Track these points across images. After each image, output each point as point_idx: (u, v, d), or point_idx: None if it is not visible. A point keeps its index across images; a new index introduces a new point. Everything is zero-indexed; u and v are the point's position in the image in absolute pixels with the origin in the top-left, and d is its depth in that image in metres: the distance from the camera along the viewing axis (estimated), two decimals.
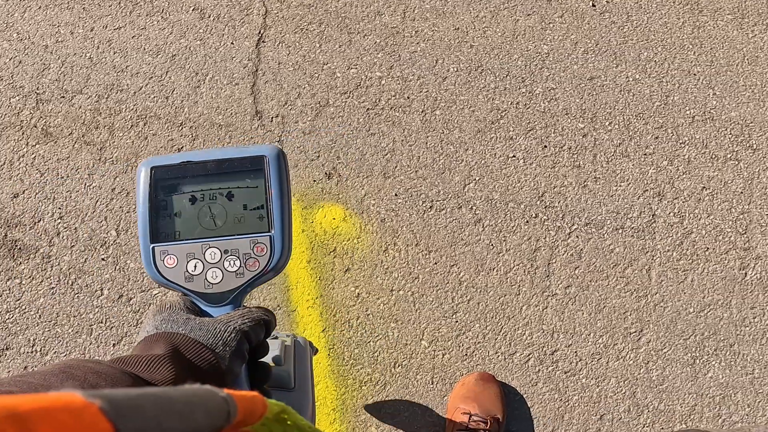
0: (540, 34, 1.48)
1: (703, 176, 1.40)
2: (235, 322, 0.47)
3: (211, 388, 0.24)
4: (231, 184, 0.50)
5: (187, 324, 0.46)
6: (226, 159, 0.50)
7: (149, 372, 0.42)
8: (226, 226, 0.50)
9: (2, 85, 1.48)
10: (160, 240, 0.50)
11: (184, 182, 0.50)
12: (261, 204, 0.50)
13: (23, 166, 1.43)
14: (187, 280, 0.49)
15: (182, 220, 0.50)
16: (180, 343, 0.45)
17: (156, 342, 0.45)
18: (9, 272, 1.37)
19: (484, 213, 1.38)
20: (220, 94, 1.46)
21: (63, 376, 0.38)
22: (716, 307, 1.35)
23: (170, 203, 0.50)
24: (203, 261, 0.49)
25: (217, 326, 0.46)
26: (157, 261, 0.49)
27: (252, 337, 0.48)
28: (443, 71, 1.47)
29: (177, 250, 0.49)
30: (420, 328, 1.34)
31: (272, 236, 0.49)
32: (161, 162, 0.50)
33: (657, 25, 1.48)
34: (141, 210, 0.50)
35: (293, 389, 0.66)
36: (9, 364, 1.32)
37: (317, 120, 1.44)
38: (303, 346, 0.72)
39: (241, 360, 0.47)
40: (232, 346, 0.46)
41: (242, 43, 1.50)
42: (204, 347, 0.45)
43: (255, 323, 0.48)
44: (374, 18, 1.51)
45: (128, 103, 1.46)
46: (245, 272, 0.49)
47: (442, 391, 1.31)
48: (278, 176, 0.50)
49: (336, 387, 1.32)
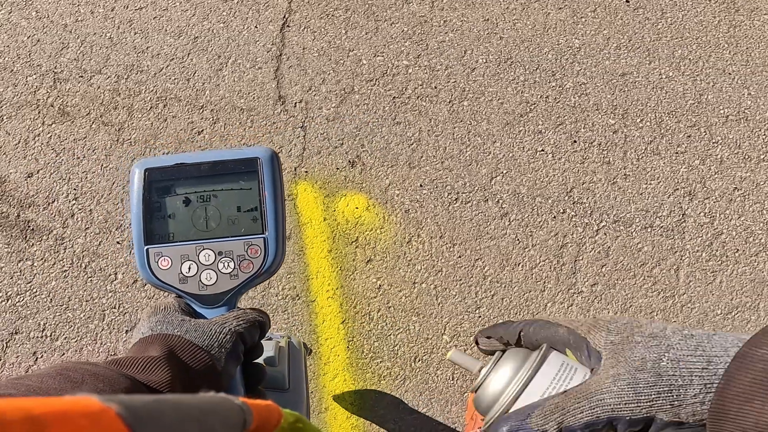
0: (572, 28, 1.46)
1: (736, 177, 1.37)
2: (230, 324, 0.47)
3: (226, 396, 0.23)
4: (225, 185, 0.50)
5: (182, 325, 0.46)
6: (219, 161, 0.50)
7: (145, 374, 0.41)
8: (220, 228, 0.50)
9: (19, 63, 1.45)
10: (155, 242, 0.49)
11: (177, 184, 0.50)
12: (255, 206, 0.50)
13: (38, 146, 1.39)
14: (181, 281, 0.49)
15: (176, 221, 0.50)
16: (175, 345, 0.45)
17: (151, 344, 0.45)
18: (21, 253, 1.33)
19: (510, 207, 1.35)
20: (243, 78, 1.43)
21: (60, 379, 0.38)
22: (744, 309, 1.32)
23: (164, 205, 0.50)
24: (197, 263, 0.49)
25: (212, 328, 0.46)
26: (152, 263, 0.49)
27: (247, 339, 0.48)
28: (472, 62, 1.43)
29: (171, 251, 0.49)
30: (442, 322, 1.30)
31: (266, 238, 0.49)
32: (155, 164, 0.50)
33: (692, 22, 1.45)
34: (135, 212, 0.50)
35: (288, 390, 0.66)
36: (18, 349, 1.28)
37: (342, 107, 1.41)
38: (297, 348, 0.72)
39: (236, 361, 0.47)
40: (227, 347, 0.46)
41: (266, 27, 1.47)
42: (199, 349, 0.45)
43: (250, 325, 0.48)
44: (402, 6, 1.48)
45: (148, 85, 1.43)
46: (239, 274, 0.49)
47: (462, 387, 1.28)
48: (272, 178, 0.50)
49: (354, 380, 1.28)
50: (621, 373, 0.33)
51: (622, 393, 0.32)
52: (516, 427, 0.34)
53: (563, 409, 0.33)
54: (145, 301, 1.30)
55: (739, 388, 0.29)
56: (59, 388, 0.37)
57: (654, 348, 0.33)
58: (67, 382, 0.37)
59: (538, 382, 0.36)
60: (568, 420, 0.33)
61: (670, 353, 0.32)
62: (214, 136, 1.39)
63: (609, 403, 0.32)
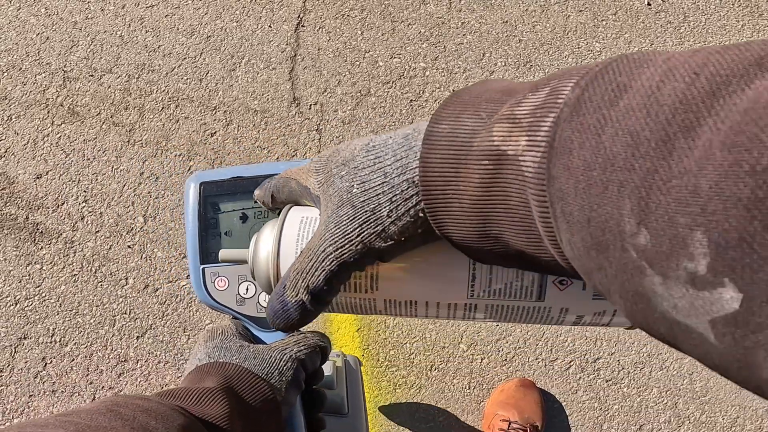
0: (592, 31, 1.43)
1: None
2: (290, 350, 0.45)
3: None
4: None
5: (241, 352, 0.44)
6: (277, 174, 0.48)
7: (201, 407, 0.40)
8: None
9: (28, 61, 1.41)
10: (211, 261, 0.47)
11: (234, 198, 0.47)
12: None
13: (47, 146, 1.36)
14: (239, 303, 0.47)
15: (233, 239, 0.47)
16: (233, 375, 0.43)
17: (208, 373, 0.43)
18: (30, 257, 1.30)
19: None
20: (257, 79, 1.40)
21: (111, 416, 0.36)
22: None
23: (221, 221, 0.47)
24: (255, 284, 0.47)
25: (272, 354, 0.44)
26: (208, 283, 0.47)
27: (308, 365, 0.46)
28: (490, 65, 1.41)
29: (228, 271, 0.47)
30: (459, 330, 1.28)
31: None
32: (211, 177, 0.47)
33: (715, 26, 1.43)
34: (190, 229, 0.47)
35: (347, 414, 0.63)
36: (27, 355, 1.25)
37: (357, 109, 1.38)
38: (354, 367, 0.69)
39: (298, 389, 0.45)
40: (288, 375, 0.44)
41: (280, 27, 1.44)
42: (259, 379, 0.43)
43: (311, 350, 0.46)
44: (419, 7, 1.45)
45: (160, 84, 1.40)
46: None
47: (479, 396, 1.26)
48: None
49: (369, 389, 1.26)
50: (329, 215, 0.30)
51: (335, 237, 0.30)
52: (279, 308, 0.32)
53: (303, 272, 0.31)
54: (157, 308, 1.28)
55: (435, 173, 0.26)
56: (109, 427, 0.35)
57: (345, 177, 0.30)
58: (117, 419, 0.36)
59: (285, 249, 0.35)
60: (311, 282, 0.31)
61: (358, 175, 0.30)
62: (227, 138, 1.36)
63: (330, 252, 0.30)
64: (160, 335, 1.27)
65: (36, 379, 1.23)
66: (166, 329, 1.26)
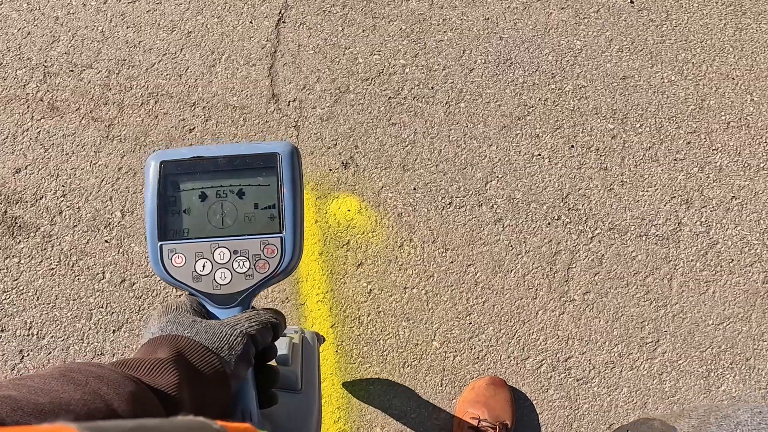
0: (573, 29, 1.42)
1: (734, 185, 1.35)
2: (241, 326, 0.46)
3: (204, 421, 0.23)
4: (242, 181, 0.48)
5: (193, 327, 0.45)
6: (237, 155, 0.48)
7: (152, 376, 0.41)
8: (236, 226, 0.48)
9: (9, 56, 1.42)
10: (169, 238, 0.48)
11: (194, 178, 0.48)
12: (272, 203, 0.48)
13: (27, 141, 1.37)
14: (195, 280, 0.48)
15: (191, 217, 0.48)
16: (184, 347, 0.44)
17: (160, 345, 0.44)
18: (7, 251, 1.31)
19: (504, 212, 1.33)
20: (236, 75, 1.40)
21: (63, 380, 0.37)
22: (736, 320, 1.31)
23: (179, 199, 0.48)
24: (212, 261, 0.47)
25: (223, 329, 0.45)
26: (165, 259, 0.48)
27: (259, 341, 0.47)
28: (470, 62, 1.41)
29: (185, 248, 0.48)
30: (432, 328, 1.29)
31: (283, 237, 0.48)
32: (171, 156, 0.48)
33: (697, 25, 1.42)
34: (149, 206, 0.48)
35: (300, 391, 0.64)
36: (4, 347, 1.27)
37: (336, 106, 1.38)
38: (311, 344, 0.69)
39: (247, 364, 0.46)
40: (237, 350, 0.45)
41: (261, 23, 1.44)
42: (209, 351, 0.44)
43: (262, 326, 0.47)
44: (400, 3, 1.44)
45: (140, 80, 1.40)
46: (254, 274, 0.48)
47: (451, 393, 1.27)
48: (291, 175, 0.48)
49: (342, 385, 1.27)
50: None
51: None
52: None
53: None
54: (133, 302, 1.29)
55: None
56: (62, 390, 0.36)
57: (724, 427, 0.38)
58: (69, 383, 0.37)
59: None
60: None
61: (738, 429, 0.37)
62: (205, 134, 1.37)
63: None
64: (137, 329, 1.28)
65: (13, 372, 1.25)
66: (143, 323, 1.28)
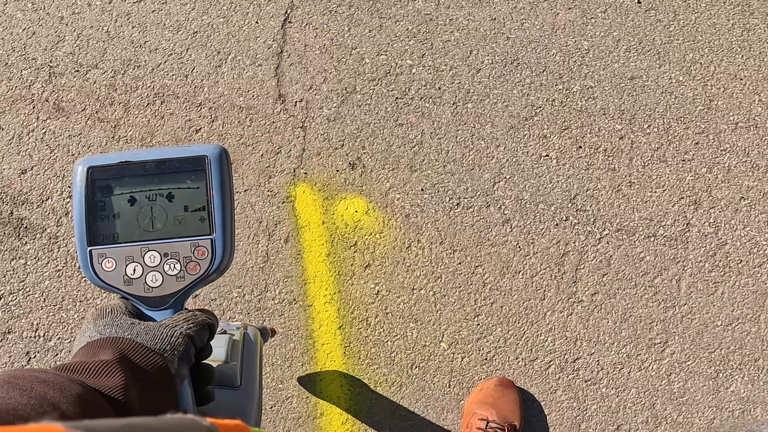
0: (581, 29, 1.42)
1: (743, 186, 1.35)
2: (180, 327, 0.47)
3: (195, 418, 0.23)
4: (171, 185, 0.49)
5: (132, 329, 0.45)
6: (166, 159, 0.49)
7: (98, 379, 0.41)
8: (166, 228, 0.49)
9: (14, 56, 1.42)
10: (98, 243, 0.48)
11: (122, 182, 0.49)
12: (202, 205, 0.49)
13: (32, 141, 1.37)
14: (126, 283, 0.48)
15: (121, 221, 0.49)
16: (127, 348, 0.44)
17: (101, 347, 0.43)
18: (14, 252, 1.31)
19: (512, 213, 1.33)
20: (243, 75, 1.40)
21: (8, 387, 0.37)
22: (745, 321, 1.30)
23: (108, 204, 0.49)
24: (143, 264, 0.48)
25: (163, 331, 0.46)
26: (95, 264, 0.48)
27: (197, 341, 0.48)
28: (477, 63, 1.40)
29: (115, 253, 0.48)
30: (440, 329, 1.29)
31: (213, 239, 0.49)
32: (99, 161, 0.49)
33: (705, 25, 1.41)
34: (77, 211, 0.49)
35: (239, 387, 0.65)
36: (11, 349, 1.27)
37: (343, 107, 1.38)
38: (252, 340, 0.70)
39: (188, 363, 0.47)
40: (179, 350, 0.46)
41: (267, 23, 1.43)
42: (152, 352, 0.44)
43: (200, 327, 0.48)
44: (407, 3, 1.44)
45: (145, 80, 1.40)
46: (186, 276, 0.49)
47: (458, 395, 1.27)
48: (220, 177, 0.49)
49: (350, 386, 1.27)
50: None
51: None
52: None
53: None
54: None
55: None
56: (7, 396, 0.36)
57: None
58: (15, 389, 0.37)
59: None
60: None
61: None
62: (212, 134, 1.36)
63: None
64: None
65: None
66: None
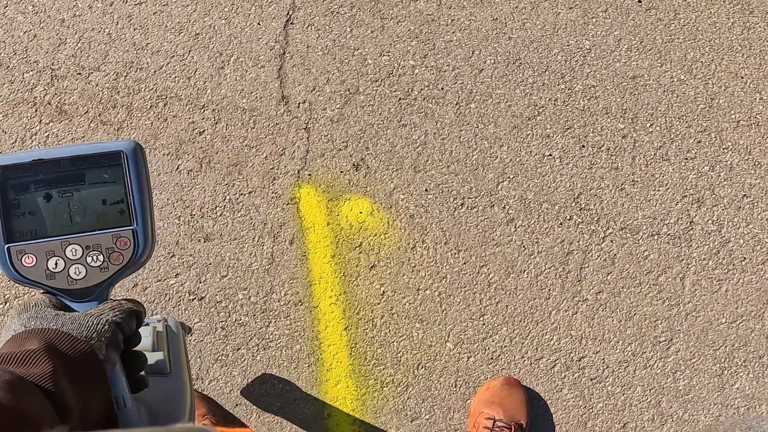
0: (582, 28, 1.42)
1: (745, 183, 1.36)
2: (106, 315, 0.47)
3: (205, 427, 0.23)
4: (88, 180, 0.50)
5: (57, 319, 0.46)
6: (80, 156, 0.50)
7: (26, 367, 0.41)
8: (86, 222, 0.50)
9: (16, 59, 1.41)
10: (16, 240, 0.49)
11: (37, 180, 0.50)
12: (120, 198, 0.50)
13: (35, 145, 1.36)
14: (48, 278, 0.49)
15: (38, 218, 0.50)
16: (53, 338, 0.44)
17: (27, 339, 0.44)
18: None
19: (516, 213, 1.33)
20: (245, 77, 1.40)
21: None
22: (749, 318, 1.31)
23: (23, 201, 0.50)
24: (64, 258, 0.49)
25: (89, 320, 0.46)
26: (14, 261, 0.49)
27: (125, 328, 0.48)
28: (479, 63, 1.40)
29: (34, 248, 0.49)
30: (446, 329, 1.29)
31: (135, 230, 0.50)
32: (11, 161, 0.50)
33: (705, 24, 1.42)
34: None
35: (170, 374, 0.67)
36: None
37: (346, 108, 1.38)
38: (175, 331, 0.72)
39: (117, 349, 0.48)
40: (107, 336, 0.46)
41: (269, 24, 1.43)
42: (78, 340, 0.45)
43: (127, 314, 0.49)
44: (409, 4, 1.44)
45: (148, 83, 1.39)
46: (109, 266, 0.50)
47: (465, 394, 1.27)
48: (137, 170, 0.50)
49: (357, 387, 1.27)
50: None
51: None
52: None
53: None
54: (145, 306, 1.29)
55: None
56: None
57: None
58: None
59: None
60: None
61: None
62: (215, 136, 1.36)
63: None
64: None
65: None
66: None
